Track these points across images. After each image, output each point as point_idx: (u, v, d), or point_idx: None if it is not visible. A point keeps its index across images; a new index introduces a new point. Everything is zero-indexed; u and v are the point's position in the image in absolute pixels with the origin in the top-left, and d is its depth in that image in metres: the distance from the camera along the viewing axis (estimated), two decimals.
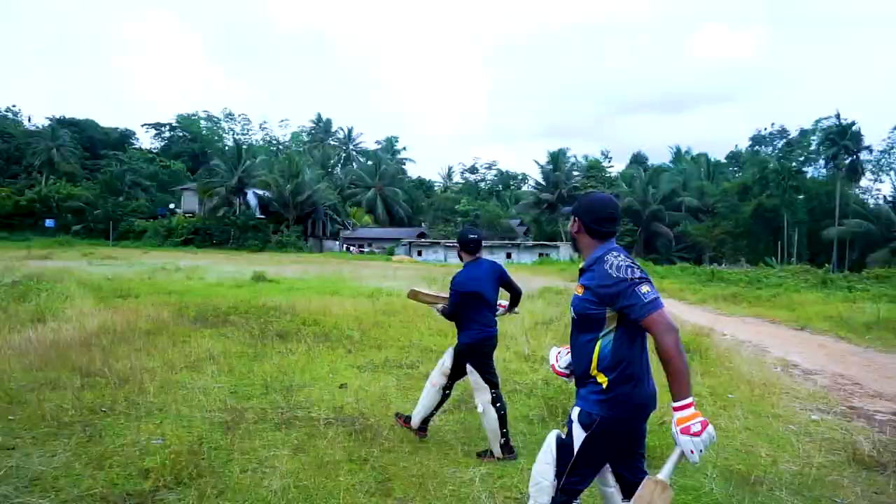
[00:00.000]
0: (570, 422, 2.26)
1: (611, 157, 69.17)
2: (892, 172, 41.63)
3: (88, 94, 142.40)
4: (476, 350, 4.06)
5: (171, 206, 62.49)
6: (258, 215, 57.99)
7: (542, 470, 2.33)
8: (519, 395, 5.65)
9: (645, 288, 2.08)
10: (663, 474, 2.05)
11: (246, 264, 27.67)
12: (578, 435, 2.21)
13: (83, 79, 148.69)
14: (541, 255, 50.01)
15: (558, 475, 2.26)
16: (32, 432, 4.13)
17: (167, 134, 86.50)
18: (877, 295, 15.90)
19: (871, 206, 42.62)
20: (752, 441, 4.54)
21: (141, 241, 53.43)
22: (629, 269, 2.12)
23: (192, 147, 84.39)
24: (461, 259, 4.22)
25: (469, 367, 4.06)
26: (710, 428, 1.96)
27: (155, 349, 6.91)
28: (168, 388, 5.29)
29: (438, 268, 35.63)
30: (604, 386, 2.20)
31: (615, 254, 2.22)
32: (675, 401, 2.02)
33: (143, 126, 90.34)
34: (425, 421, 4.28)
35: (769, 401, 5.80)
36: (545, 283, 19.77)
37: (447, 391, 4.24)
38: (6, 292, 11.09)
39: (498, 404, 3.98)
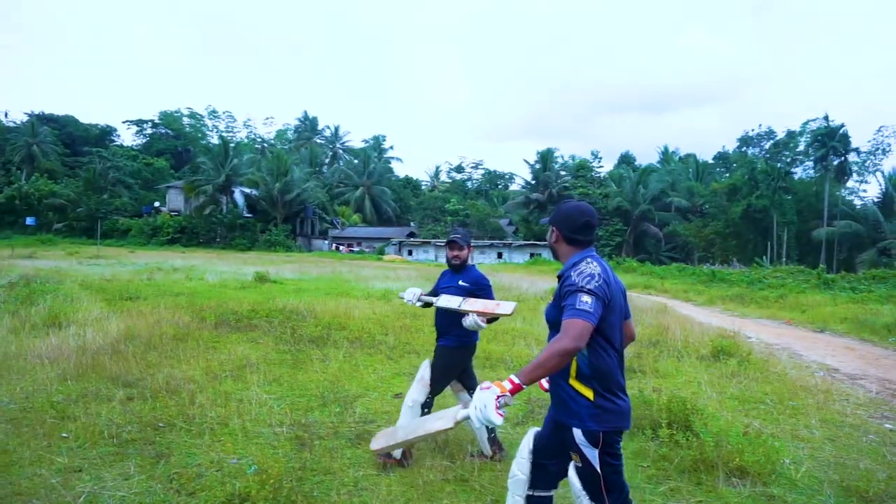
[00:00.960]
0: (578, 447, 2.23)
1: (601, 158, 69.39)
2: (877, 173, 42.22)
3: (67, 90, 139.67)
4: (462, 356, 3.93)
5: (156, 204, 61.40)
6: (245, 214, 57.26)
7: (520, 464, 2.43)
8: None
9: (586, 298, 2.08)
10: (460, 414, 2.17)
11: (240, 264, 27.21)
12: (592, 455, 2.20)
13: (61, 74, 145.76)
14: (532, 254, 49.99)
15: (602, 500, 2.24)
16: (94, 451, 3.84)
17: (149, 131, 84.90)
18: (883, 296, 16.01)
19: (858, 206, 43.29)
20: (842, 453, 4.39)
21: (125, 240, 52.48)
22: (588, 278, 2.14)
23: (175, 144, 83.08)
24: (468, 261, 4.03)
25: (427, 362, 3.97)
26: (491, 403, 1.96)
27: (188, 356, 6.59)
28: (220, 400, 5.00)
29: (433, 267, 35.42)
30: (592, 399, 2.20)
31: (588, 260, 2.25)
32: (515, 374, 2.05)
33: (124, 122, 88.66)
34: (493, 439, 4.00)
35: (833, 408, 5.67)
36: (549, 285, 19.62)
37: (426, 410, 3.85)
38: (10, 295, 10.65)
39: (426, 410, 3.83)
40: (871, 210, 38.94)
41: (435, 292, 4.04)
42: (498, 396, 1.98)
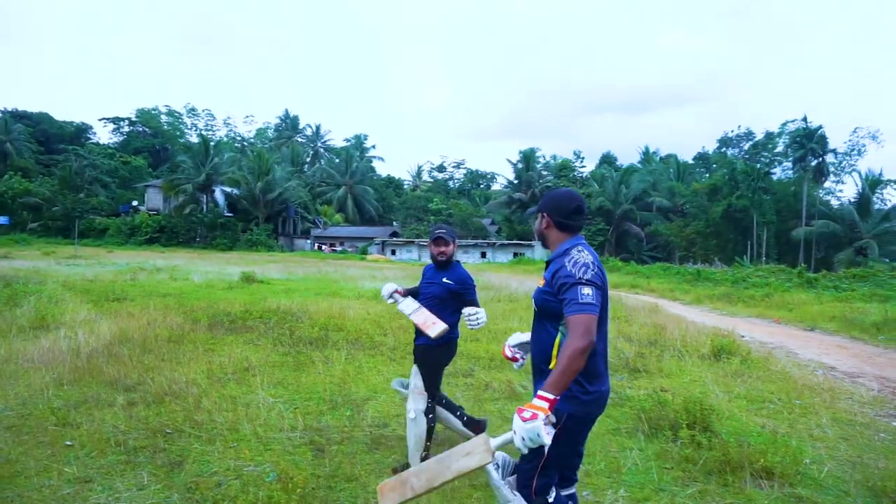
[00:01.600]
0: None
1: (583, 158, 69.83)
2: (853, 174, 43.06)
3: (40, 86, 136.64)
4: (443, 354, 3.78)
5: (134, 203, 60.31)
6: (226, 213, 56.49)
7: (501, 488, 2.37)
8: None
9: (587, 290, 2.08)
10: (495, 442, 2.04)
11: (223, 264, 26.82)
12: (548, 432, 2.13)
13: (35, 70, 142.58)
14: (516, 254, 50.08)
15: (531, 476, 2.24)
16: (102, 460, 3.68)
17: (126, 129, 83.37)
18: (866, 295, 16.28)
19: (835, 206, 44.15)
20: (858, 452, 4.39)
21: (103, 240, 51.42)
22: (584, 268, 2.13)
23: (153, 142, 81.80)
24: (454, 258, 3.90)
25: (415, 370, 3.75)
26: (539, 425, 1.86)
27: (186, 359, 6.43)
28: (226, 405, 4.85)
29: (417, 267, 35.28)
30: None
31: (580, 248, 2.25)
32: (542, 389, 1.97)
33: (101, 120, 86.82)
34: (426, 458, 3.74)
35: (840, 407, 5.70)
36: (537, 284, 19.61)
37: (431, 415, 3.71)
38: None
39: (430, 415, 3.69)
40: (848, 210, 39.70)
41: (417, 290, 3.96)
42: (547, 423, 1.94)
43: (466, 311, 3.60)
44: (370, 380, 6.01)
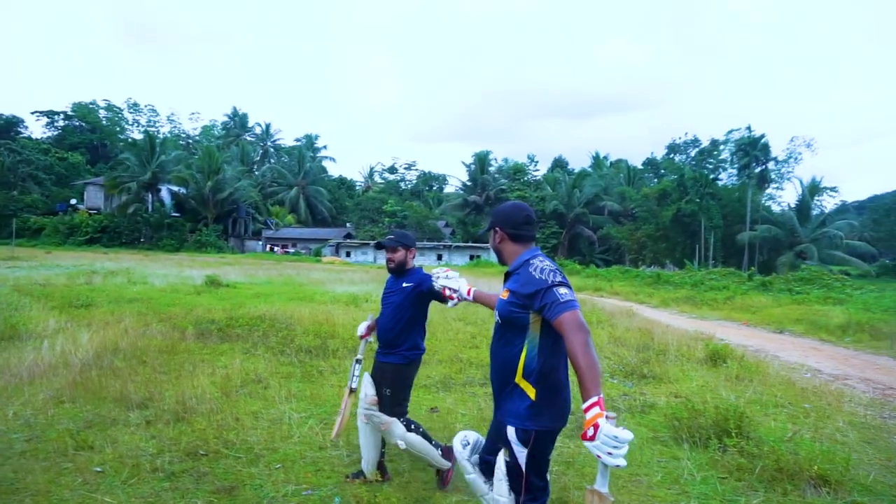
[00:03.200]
0: (509, 443, 2.24)
1: (537, 162, 70.79)
2: (794, 180, 45.26)
3: None
4: (413, 371, 3.60)
5: (73, 201, 57.32)
6: (173, 213, 54.43)
7: (499, 488, 2.34)
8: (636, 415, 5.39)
9: (562, 290, 2.11)
10: (597, 484, 1.95)
11: (177, 267, 25.81)
12: (521, 453, 2.22)
13: None
14: (472, 256, 50.29)
15: (517, 495, 2.26)
16: (145, 487, 3.40)
17: (61, 123, 79.24)
18: (821, 297, 17.10)
19: (777, 212, 46.35)
20: (886, 456, 4.53)
21: (39, 240, 48.67)
22: (551, 273, 2.17)
23: (91, 138, 78.05)
24: (407, 262, 3.63)
25: (366, 402, 3.45)
26: (607, 427, 1.78)
27: (185, 371, 6.08)
28: (250, 421, 4.60)
29: (375, 270, 34.91)
30: (532, 398, 2.21)
31: (540, 258, 2.28)
32: (583, 402, 1.88)
33: (33, 114, 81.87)
34: (380, 464, 3.65)
35: (847, 409, 5.90)
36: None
37: (415, 426, 3.53)
38: None
39: (413, 425, 3.49)
40: (789, 216, 41.72)
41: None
42: (608, 419, 1.83)
43: (436, 270, 3.34)
44: None
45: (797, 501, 3.58)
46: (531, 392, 2.20)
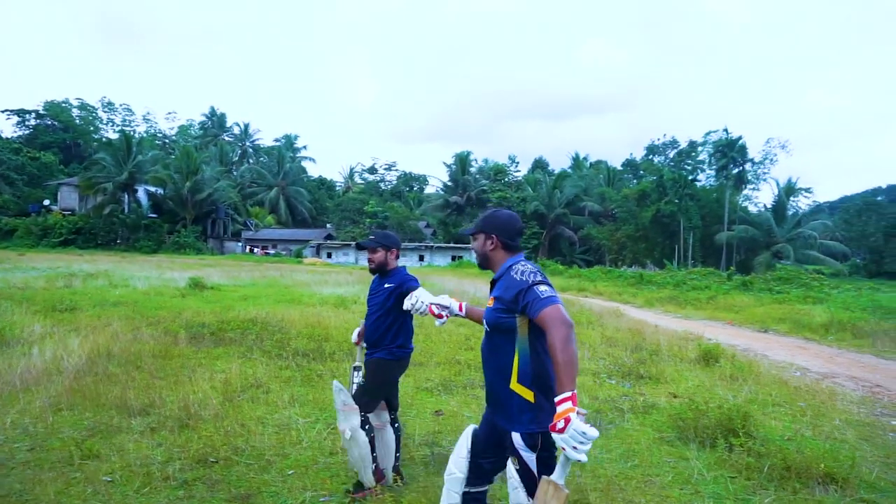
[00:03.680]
0: (517, 450, 2.27)
1: (518, 163, 71.07)
2: (771, 181, 46.09)
3: None
4: (398, 369, 3.56)
5: (46, 202, 56.05)
6: (150, 214, 53.55)
7: (458, 463, 2.47)
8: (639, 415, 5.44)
9: (542, 287, 2.16)
10: (555, 475, 2.02)
11: (157, 269, 25.38)
12: (530, 458, 2.25)
13: None
14: (454, 257, 50.32)
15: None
16: (159, 496, 3.34)
17: (33, 122, 77.47)
18: (801, 296, 17.44)
19: (754, 213, 47.26)
20: (884, 453, 4.63)
21: (11, 242, 47.50)
22: (531, 275, 2.23)
23: (64, 137, 76.43)
24: (389, 263, 3.58)
25: (337, 384, 3.40)
26: (577, 423, 1.84)
27: (183, 377, 5.98)
28: (256, 427, 4.54)
29: (358, 270, 34.75)
30: (532, 401, 2.24)
31: (522, 263, 2.36)
32: (557, 392, 1.93)
33: (3, 112, 79.91)
34: (395, 469, 3.61)
35: (840, 408, 6.03)
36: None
37: (367, 426, 3.37)
38: None
39: (367, 426, 3.36)
40: (766, 216, 42.55)
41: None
42: (579, 415, 1.88)
43: (406, 300, 3.15)
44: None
45: (807, 499, 3.64)
46: (529, 395, 2.23)
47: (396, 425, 3.62)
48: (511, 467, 2.31)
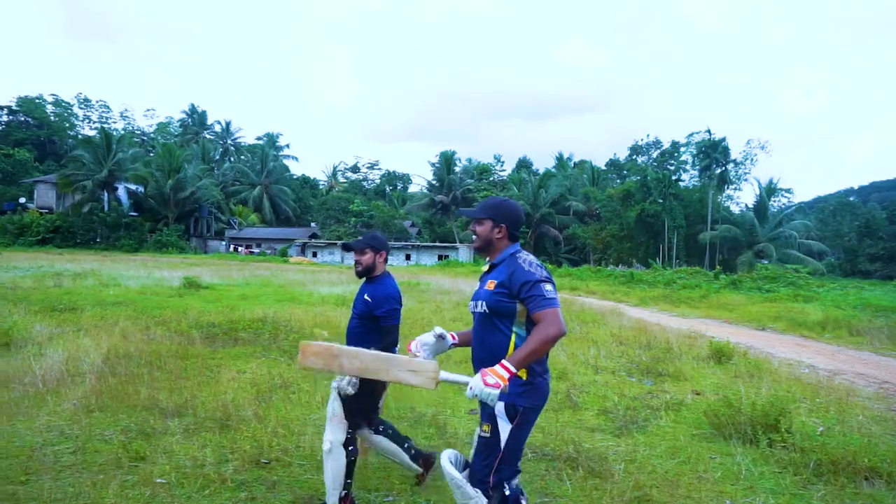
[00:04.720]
0: (494, 416, 2.33)
1: (503, 162, 71.29)
2: (753, 182, 46.78)
3: None
4: (377, 382, 3.17)
5: (22, 200, 54.78)
6: (131, 213, 52.66)
7: (459, 482, 2.37)
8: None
9: (548, 287, 2.30)
10: (443, 375, 2.31)
11: (143, 268, 24.97)
12: (504, 428, 2.32)
13: None
14: (440, 256, 50.30)
15: (487, 472, 2.35)
16: (221, 498, 3.29)
17: (5, 118, 75.73)
18: (790, 295, 17.76)
19: (736, 213, 48.04)
20: None
21: None
22: (539, 268, 2.35)
23: (38, 134, 74.75)
24: (377, 267, 3.42)
25: (335, 394, 3.18)
26: (495, 393, 2.13)
27: (207, 378, 5.91)
28: (297, 427, 4.50)
29: (346, 270, 34.54)
30: (524, 378, 2.33)
31: (525, 253, 2.47)
32: (507, 361, 2.19)
33: None
34: (422, 473, 3.51)
35: (859, 404, 6.15)
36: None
37: (351, 447, 3.17)
38: None
39: (351, 447, 3.15)
40: (748, 216, 43.29)
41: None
42: (499, 385, 2.14)
43: (334, 380, 3.01)
44: (413, 395, 5.75)
45: (856, 494, 3.71)
46: (523, 373, 2.31)
47: (382, 427, 3.43)
48: (476, 434, 2.43)
